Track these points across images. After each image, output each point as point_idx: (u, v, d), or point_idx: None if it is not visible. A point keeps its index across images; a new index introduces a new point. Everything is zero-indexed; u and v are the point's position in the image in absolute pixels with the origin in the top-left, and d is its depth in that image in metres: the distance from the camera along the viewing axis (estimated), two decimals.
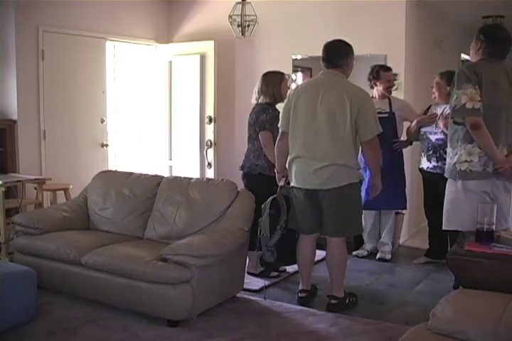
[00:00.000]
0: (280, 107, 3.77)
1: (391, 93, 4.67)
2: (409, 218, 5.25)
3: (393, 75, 4.73)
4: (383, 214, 4.83)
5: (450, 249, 3.13)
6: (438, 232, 4.52)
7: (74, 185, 5.00)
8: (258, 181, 4.08)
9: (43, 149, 5.23)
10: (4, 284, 3.13)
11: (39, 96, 5.17)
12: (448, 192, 3.22)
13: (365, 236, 4.86)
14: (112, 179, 4.27)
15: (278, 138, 3.71)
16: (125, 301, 3.41)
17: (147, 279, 3.27)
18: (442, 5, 5.53)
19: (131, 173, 4.31)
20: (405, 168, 4.72)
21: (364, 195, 4.57)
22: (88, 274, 3.51)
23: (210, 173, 5.91)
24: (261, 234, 3.62)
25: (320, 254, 4.01)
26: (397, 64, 4.92)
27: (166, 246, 3.38)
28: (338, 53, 3.54)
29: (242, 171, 4.25)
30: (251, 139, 4.20)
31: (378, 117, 3.58)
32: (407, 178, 4.76)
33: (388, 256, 4.77)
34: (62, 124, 5.38)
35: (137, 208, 4.03)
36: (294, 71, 5.69)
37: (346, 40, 3.58)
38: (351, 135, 3.44)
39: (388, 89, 4.63)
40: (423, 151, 4.45)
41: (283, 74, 4.26)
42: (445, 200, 3.24)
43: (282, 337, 3.17)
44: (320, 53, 3.58)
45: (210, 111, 5.86)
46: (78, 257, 3.52)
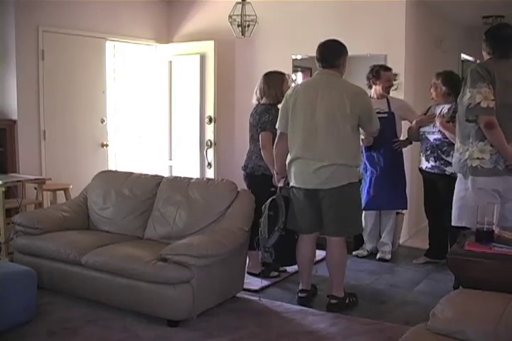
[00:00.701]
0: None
1: (389, 93, 4.67)
2: (409, 218, 5.25)
3: (393, 75, 4.74)
4: (384, 214, 4.83)
5: (450, 249, 3.13)
6: (438, 232, 4.54)
7: (74, 185, 5.00)
8: (261, 182, 4.07)
9: (43, 149, 5.23)
10: (4, 284, 3.13)
11: (39, 96, 5.16)
12: (457, 189, 3.26)
13: (365, 236, 4.86)
14: (112, 179, 4.27)
15: (276, 139, 3.70)
16: (125, 301, 3.41)
17: (147, 279, 3.27)
18: (442, 5, 5.53)
19: (131, 173, 4.31)
20: (405, 168, 4.72)
21: (365, 195, 4.59)
22: (88, 274, 3.51)
23: (210, 173, 5.90)
24: (260, 235, 3.62)
25: (320, 254, 4.01)
26: (397, 64, 4.92)
27: (166, 246, 3.38)
28: (333, 53, 3.53)
29: (245, 172, 4.24)
30: (253, 140, 4.19)
31: (378, 117, 3.64)
32: (407, 178, 4.76)
33: (388, 256, 4.77)
34: (62, 124, 5.38)
35: (137, 208, 4.03)
36: (294, 71, 5.69)
37: (340, 40, 3.57)
38: (351, 134, 3.44)
39: (387, 89, 4.63)
40: (422, 151, 4.46)
41: (284, 74, 4.26)
42: (454, 197, 3.29)
43: (282, 337, 3.17)
44: None
45: (210, 111, 5.86)
46: (78, 257, 3.52)
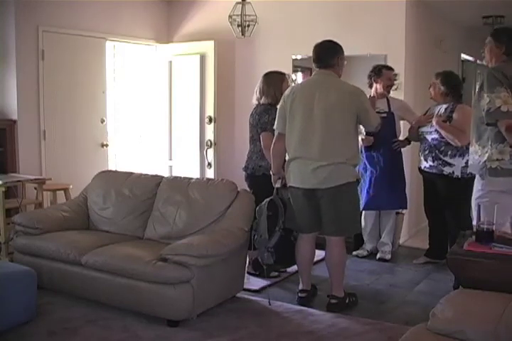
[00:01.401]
0: None
1: (390, 93, 4.67)
2: (409, 218, 5.25)
3: (394, 76, 4.74)
4: (383, 214, 4.82)
5: (450, 249, 3.13)
6: (438, 232, 4.54)
7: (74, 185, 5.00)
8: (262, 182, 4.05)
9: (43, 149, 5.23)
10: (4, 284, 3.13)
11: (39, 96, 5.16)
12: (475, 190, 3.28)
13: (365, 236, 4.86)
14: (112, 179, 4.27)
15: (274, 139, 3.69)
16: (125, 301, 3.41)
17: (147, 279, 3.27)
18: (442, 5, 5.53)
19: (131, 173, 4.31)
20: (405, 168, 4.72)
21: (365, 195, 4.59)
22: (88, 274, 3.51)
23: (210, 173, 5.90)
24: (259, 236, 3.56)
25: (319, 254, 4.01)
26: (397, 64, 4.92)
27: (166, 246, 3.38)
28: (328, 53, 3.54)
29: (246, 172, 4.24)
30: (253, 140, 4.19)
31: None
32: (407, 178, 4.76)
33: (388, 256, 4.76)
34: (62, 124, 5.38)
35: (137, 208, 4.03)
36: (294, 71, 5.69)
37: (337, 41, 3.57)
38: (349, 133, 3.45)
39: (388, 88, 4.62)
40: (421, 151, 4.47)
41: (284, 74, 4.26)
42: (473, 198, 3.30)
43: (282, 337, 3.17)
44: None
45: (210, 111, 5.86)
46: (78, 257, 3.52)
